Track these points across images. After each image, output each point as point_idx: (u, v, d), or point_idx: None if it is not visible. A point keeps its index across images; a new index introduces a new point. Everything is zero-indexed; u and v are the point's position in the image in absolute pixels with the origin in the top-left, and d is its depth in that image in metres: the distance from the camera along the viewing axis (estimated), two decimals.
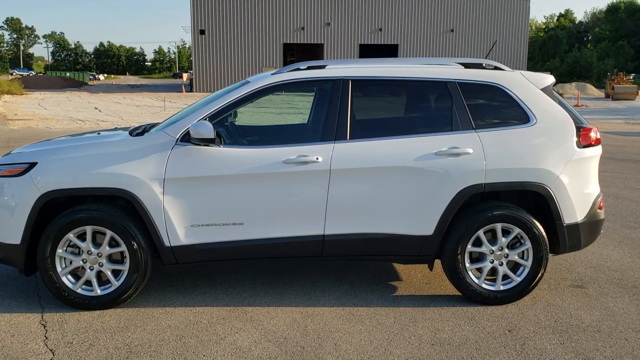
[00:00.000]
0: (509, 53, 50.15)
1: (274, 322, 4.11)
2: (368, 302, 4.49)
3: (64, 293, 4.22)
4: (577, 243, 4.51)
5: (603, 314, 4.31)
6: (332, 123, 4.35)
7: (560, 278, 5.04)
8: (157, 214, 4.17)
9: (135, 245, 4.18)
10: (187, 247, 4.25)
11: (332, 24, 47.87)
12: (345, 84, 4.43)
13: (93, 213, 4.16)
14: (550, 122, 4.44)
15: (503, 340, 3.87)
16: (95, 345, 3.74)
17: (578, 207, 4.43)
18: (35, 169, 4.18)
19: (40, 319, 4.12)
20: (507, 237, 4.39)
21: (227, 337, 3.88)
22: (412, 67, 4.58)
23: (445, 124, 4.43)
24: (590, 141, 4.52)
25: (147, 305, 4.38)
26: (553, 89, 4.70)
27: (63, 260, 4.24)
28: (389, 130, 4.45)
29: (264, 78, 4.47)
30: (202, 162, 4.19)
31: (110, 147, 4.29)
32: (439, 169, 4.28)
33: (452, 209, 4.30)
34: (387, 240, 4.34)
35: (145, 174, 4.13)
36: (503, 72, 4.59)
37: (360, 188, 4.29)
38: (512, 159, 4.33)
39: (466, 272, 4.39)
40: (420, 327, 4.06)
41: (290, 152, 4.24)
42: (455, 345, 3.80)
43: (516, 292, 4.43)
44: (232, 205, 4.24)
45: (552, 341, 3.86)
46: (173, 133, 4.26)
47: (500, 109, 4.52)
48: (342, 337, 3.89)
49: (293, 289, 4.73)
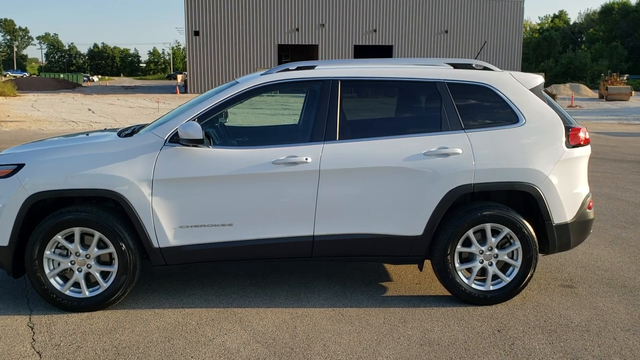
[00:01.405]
0: (504, 54, 50.29)
1: (263, 323, 4.10)
2: (358, 302, 4.48)
3: (52, 295, 4.20)
4: (567, 243, 4.51)
5: (592, 313, 4.31)
6: (321, 123, 4.34)
7: (551, 278, 5.05)
8: (146, 215, 4.15)
9: (123, 246, 4.17)
10: (176, 248, 4.23)
11: (326, 25, 47.88)
12: (335, 85, 4.43)
13: (81, 214, 4.14)
14: (539, 122, 4.44)
15: (492, 340, 3.87)
16: (83, 347, 3.72)
17: (567, 207, 4.44)
18: (23, 170, 4.16)
19: (28, 321, 4.10)
20: (497, 237, 4.39)
21: (215, 338, 3.87)
22: (402, 68, 4.58)
23: (434, 124, 4.43)
24: (580, 141, 4.53)
25: (136, 306, 4.36)
26: (544, 89, 4.71)
27: (51, 262, 4.22)
28: (378, 131, 4.45)
29: (253, 79, 4.46)
30: (190, 163, 4.18)
31: (98, 148, 4.27)
32: (428, 169, 4.28)
33: (441, 209, 4.30)
34: (376, 241, 4.34)
35: (134, 175, 4.12)
36: (492, 72, 4.59)
37: (350, 188, 4.29)
38: (501, 159, 4.34)
39: (456, 272, 4.39)
40: (409, 327, 4.05)
41: (280, 152, 4.23)
42: (444, 345, 3.79)
43: (506, 292, 4.43)
44: (222, 206, 4.23)
45: (541, 341, 3.86)
46: (161, 134, 4.25)
47: (489, 109, 4.53)
48: (331, 338, 3.88)
49: (283, 290, 4.72)
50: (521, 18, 51.64)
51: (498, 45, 50.12)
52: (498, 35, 50.22)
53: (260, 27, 47.03)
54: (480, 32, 50.09)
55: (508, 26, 50.68)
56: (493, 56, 49.04)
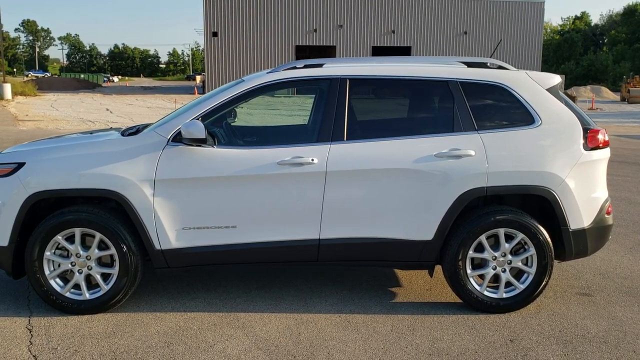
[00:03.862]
0: (523, 56, 49.69)
1: (266, 329, 3.97)
2: (365, 308, 4.33)
3: (52, 297, 4.12)
4: (584, 249, 4.32)
5: (610, 323, 4.12)
6: (328, 123, 4.20)
7: (567, 285, 4.85)
8: (148, 216, 4.05)
9: (124, 248, 4.07)
10: (179, 250, 4.12)
11: (344, 25, 47.69)
12: (343, 83, 4.29)
13: (82, 215, 4.05)
14: (555, 124, 4.26)
15: (504, 350, 3.70)
16: (80, 351, 3.63)
17: (585, 212, 4.25)
18: (23, 169, 4.08)
19: (27, 324, 4.02)
20: (511, 243, 4.22)
21: (216, 344, 3.75)
22: (413, 66, 4.43)
23: (446, 124, 4.27)
24: (598, 143, 4.33)
25: (137, 310, 4.26)
26: (565, 91, 4.53)
27: (51, 263, 4.13)
28: (387, 131, 4.31)
29: (259, 77, 4.34)
30: (194, 163, 4.07)
31: (100, 148, 4.18)
32: (439, 172, 4.12)
33: (452, 213, 4.14)
34: (385, 246, 4.19)
35: (136, 175, 4.02)
36: (507, 71, 4.42)
37: (357, 191, 4.14)
38: (515, 162, 4.16)
39: (467, 279, 4.23)
40: (418, 335, 3.90)
41: (285, 153, 4.11)
42: (454, 355, 3.63)
43: (519, 300, 4.26)
44: (225, 207, 4.11)
45: (556, 352, 3.68)
46: (164, 133, 4.14)
47: (503, 110, 4.36)
48: (336, 346, 3.74)
49: (289, 295, 4.58)
50: (541, 19, 50.98)
51: (518, 46, 49.54)
52: (518, 37, 49.63)
53: (278, 28, 47.02)
54: (499, 34, 49.54)
55: (528, 28, 50.06)
56: (512, 57, 48.45)
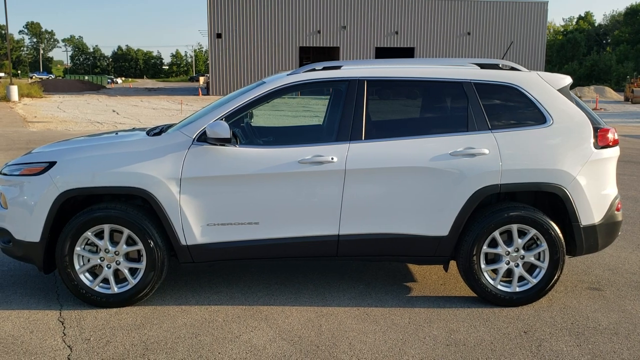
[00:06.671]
0: (527, 56, 49.79)
1: (288, 322, 4.12)
2: (383, 302, 4.49)
3: (82, 291, 4.28)
4: (594, 245, 4.47)
5: (620, 316, 4.26)
6: (347, 123, 4.36)
7: (577, 280, 5.00)
8: (174, 213, 4.20)
9: (152, 243, 4.23)
10: (203, 246, 4.28)
11: (348, 27, 47.87)
12: (361, 84, 4.44)
13: (111, 212, 4.21)
14: (567, 123, 4.41)
15: (518, 341, 3.85)
16: (112, 342, 3.79)
17: (595, 209, 4.40)
18: (54, 168, 4.24)
19: (58, 316, 4.18)
20: (523, 239, 4.36)
21: (242, 335, 3.91)
22: (428, 68, 4.58)
23: (460, 124, 4.42)
24: (608, 142, 4.49)
25: (163, 303, 4.42)
26: (571, 90, 4.67)
27: (81, 258, 4.29)
28: (404, 131, 4.45)
29: (280, 78, 4.49)
30: (218, 162, 4.23)
31: (127, 147, 4.34)
32: (455, 170, 4.27)
33: (467, 210, 4.29)
34: (401, 241, 4.34)
35: (162, 173, 4.17)
36: (519, 72, 4.57)
37: (375, 188, 4.30)
38: (528, 160, 4.31)
39: (482, 273, 4.37)
40: (435, 327, 4.05)
41: (306, 152, 4.26)
42: (470, 346, 3.78)
43: (532, 294, 4.40)
44: (248, 204, 4.27)
45: (569, 343, 3.83)
46: (190, 133, 4.30)
47: (516, 110, 4.50)
48: (357, 337, 3.89)
49: (308, 289, 4.74)
50: (545, 20, 51.09)
51: (521, 47, 49.64)
52: (521, 37, 49.74)
53: (282, 30, 47.21)
54: (503, 34, 49.68)
55: (531, 28, 50.19)
56: (516, 58, 48.54)
